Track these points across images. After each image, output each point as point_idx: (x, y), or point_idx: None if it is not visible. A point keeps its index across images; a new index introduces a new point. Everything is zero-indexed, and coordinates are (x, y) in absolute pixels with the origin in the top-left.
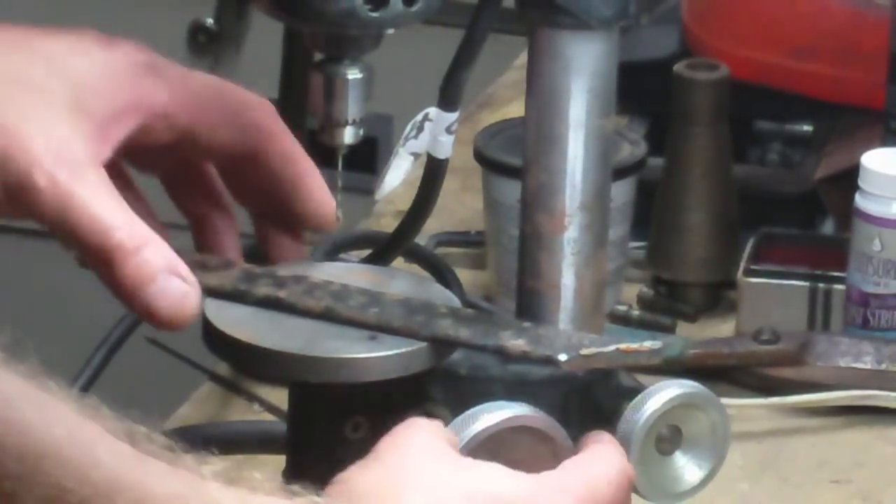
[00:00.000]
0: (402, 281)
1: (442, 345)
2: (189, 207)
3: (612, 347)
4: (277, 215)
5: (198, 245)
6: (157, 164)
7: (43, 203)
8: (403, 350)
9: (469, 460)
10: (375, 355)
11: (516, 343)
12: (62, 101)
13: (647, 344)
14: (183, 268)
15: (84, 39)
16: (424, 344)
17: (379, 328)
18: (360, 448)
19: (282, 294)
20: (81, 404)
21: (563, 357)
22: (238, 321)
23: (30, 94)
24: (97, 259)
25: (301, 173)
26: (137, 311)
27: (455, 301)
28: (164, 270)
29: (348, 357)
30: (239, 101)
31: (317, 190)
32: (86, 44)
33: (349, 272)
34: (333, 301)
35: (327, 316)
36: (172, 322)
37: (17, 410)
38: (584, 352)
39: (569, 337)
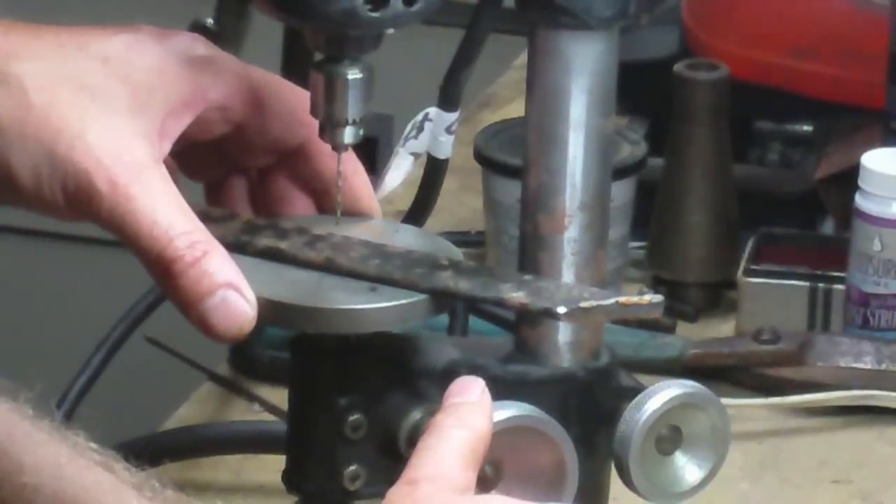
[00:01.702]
0: (406, 234)
1: (441, 297)
2: (203, 175)
3: (611, 301)
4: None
5: (209, 203)
6: (203, 158)
7: (103, 208)
8: (403, 301)
9: (469, 497)
10: (374, 306)
11: (515, 296)
12: (121, 102)
13: (648, 297)
14: (242, 283)
15: (139, 36)
16: (424, 296)
17: (379, 280)
18: (360, 448)
19: (283, 245)
20: (104, 454)
21: (561, 310)
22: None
23: (89, 97)
24: (156, 267)
25: (345, 173)
26: (192, 322)
27: (458, 254)
28: (223, 285)
29: (347, 308)
30: (292, 97)
31: (362, 191)
32: (141, 40)
33: (354, 225)
34: (334, 252)
35: (328, 267)
36: (225, 337)
37: (53, 458)
38: (584, 304)
39: (569, 290)
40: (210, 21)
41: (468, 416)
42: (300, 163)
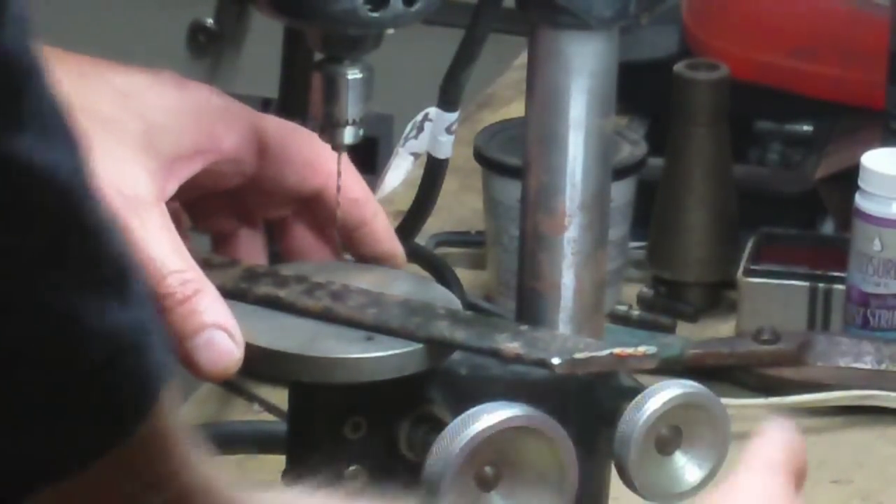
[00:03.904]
0: (404, 282)
1: (438, 346)
2: (212, 226)
3: (606, 352)
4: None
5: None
6: (214, 208)
7: None
8: (398, 351)
9: None
10: (370, 356)
11: (511, 346)
12: (133, 137)
13: (642, 349)
14: (231, 323)
15: (160, 78)
16: (420, 345)
17: (376, 329)
18: (360, 448)
19: (281, 293)
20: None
21: (556, 361)
22: (237, 319)
23: (103, 128)
24: None
25: (366, 218)
26: (178, 359)
27: (456, 303)
28: (211, 325)
29: (343, 357)
30: (307, 145)
31: (383, 234)
32: (162, 83)
33: (353, 272)
34: (332, 301)
35: (326, 316)
36: (210, 376)
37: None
38: (578, 356)
39: (564, 341)
40: (210, 21)
41: None
42: (316, 210)
